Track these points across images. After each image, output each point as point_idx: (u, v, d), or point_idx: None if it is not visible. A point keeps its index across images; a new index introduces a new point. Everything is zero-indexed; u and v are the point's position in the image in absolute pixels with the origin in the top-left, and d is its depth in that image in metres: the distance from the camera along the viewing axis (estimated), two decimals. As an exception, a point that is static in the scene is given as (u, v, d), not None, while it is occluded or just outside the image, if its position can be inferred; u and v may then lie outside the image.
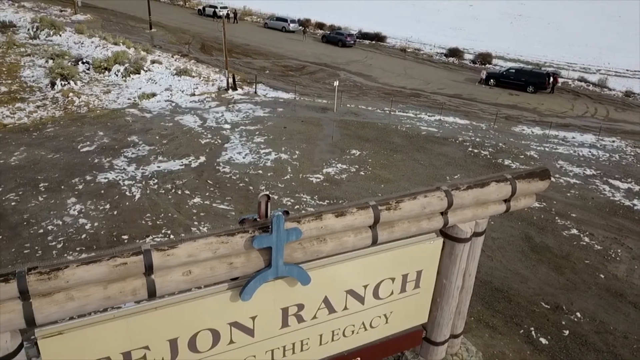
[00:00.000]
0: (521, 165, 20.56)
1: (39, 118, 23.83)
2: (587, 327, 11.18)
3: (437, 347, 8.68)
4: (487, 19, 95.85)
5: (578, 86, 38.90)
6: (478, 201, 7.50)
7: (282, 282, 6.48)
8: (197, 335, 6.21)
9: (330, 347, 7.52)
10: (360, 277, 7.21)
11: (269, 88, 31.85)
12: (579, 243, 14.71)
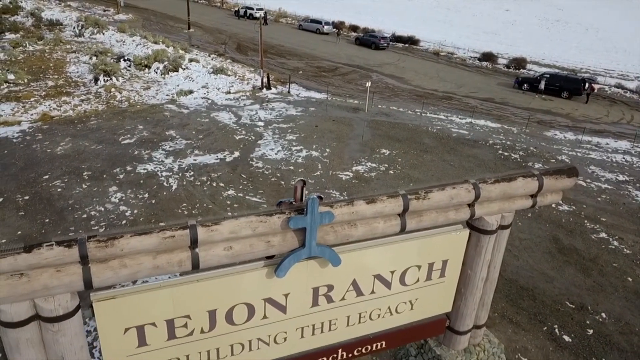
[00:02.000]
0: (552, 169, 20.46)
1: (83, 111, 24.90)
2: (611, 328, 11.23)
3: (460, 336, 8.93)
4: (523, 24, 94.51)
5: (615, 93, 38.18)
6: (505, 195, 7.75)
7: (314, 262, 6.86)
8: (234, 309, 6.65)
9: (357, 329, 7.86)
10: (388, 262, 7.54)
11: (302, 88, 32.37)
12: (608, 247, 14.67)
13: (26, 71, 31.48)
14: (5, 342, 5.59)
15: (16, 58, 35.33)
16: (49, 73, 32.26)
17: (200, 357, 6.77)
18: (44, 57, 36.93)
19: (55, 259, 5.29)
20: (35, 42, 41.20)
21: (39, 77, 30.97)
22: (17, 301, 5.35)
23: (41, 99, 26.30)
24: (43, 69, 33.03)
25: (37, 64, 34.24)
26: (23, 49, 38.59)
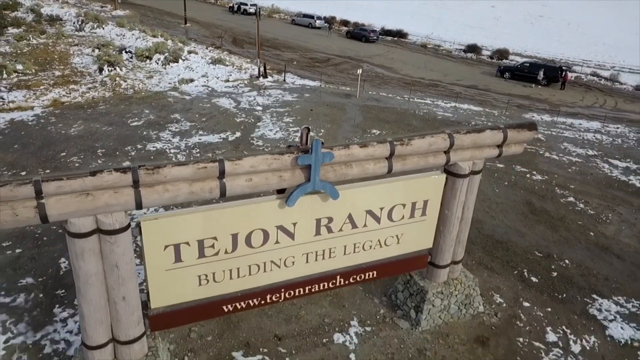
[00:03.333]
0: (529, 147, 21.90)
1: (91, 98, 25.98)
2: (573, 271, 12.66)
3: (440, 270, 10.29)
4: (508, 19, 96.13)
5: (590, 80, 39.80)
6: (475, 144, 9.10)
7: (317, 197, 8.17)
8: (252, 233, 7.95)
9: (352, 258, 9.19)
10: (377, 200, 8.86)
11: (296, 77, 33.60)
12: (575, 208, 16.12)
13: (33, 62, 32.38)
14: (72, 251, 6.85)
15: (21, 51, 36.16)
16: (54, 64, 33.21)
17: (224, 275, 8.06)
18: (48, 49, 37.78)
19: (114, 182, 6.55)
20: (38, 36, 41.98)
21: (45, 68, 31.92)
22: (83, 216, 6.60)
23: (50, 87, 27.34)
24: (49, 61, 33.96)
25: (43, 56, 35.14)
26: (27, 43, 39.38)
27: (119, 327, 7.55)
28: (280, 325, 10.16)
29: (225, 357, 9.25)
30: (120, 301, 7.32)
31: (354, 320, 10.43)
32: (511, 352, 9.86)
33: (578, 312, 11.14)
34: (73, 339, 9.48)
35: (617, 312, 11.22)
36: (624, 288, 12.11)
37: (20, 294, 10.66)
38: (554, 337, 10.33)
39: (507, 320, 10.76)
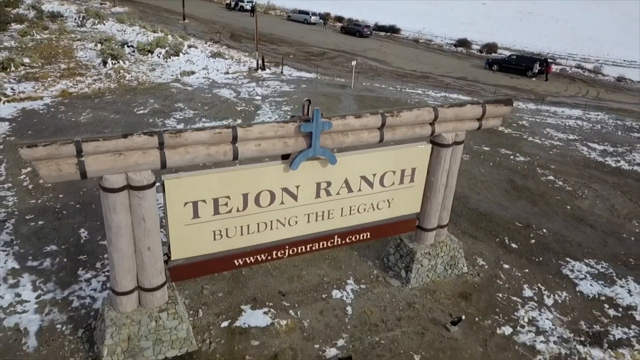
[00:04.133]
0: (513, 132, 22.92)
1: (98, 88, 26.77)
2: (549, 239, 13.68)
3: (427, 233, 11.27)
4: (498, 16, 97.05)
5: (575, 72, 40.88)
6: (457, 117, 10.06)
7: (317, 162, 9.11)
8: (260, 194, 8.88)
9: (348, 219, 10.13)
10: (370, 167, 9.81)
11: (293, 69, 34.47)
12: (554, 185, 17.14)
13: (38, 56, 33.08)
14: (105, 205, 7.77)
15: (26, 45, 36.80)
16: (59, 58, 33.91)
17: (235, 231, 8.99)
18: (52, 44, 38.43)
19: (142, 143, 7.47)
20: (41, 32, 42.60)
21: (51, 61, 32.63)
22: (116, 173, 7.52)
23: (57, 79, 28.10)
24: (53, 54, 34.65)
25: (47, 50, 35.80)
26: (31, 38, 39.99)
27: (144, 275, 8.48)
28: (284, 284, 11.11)
29: (235, 310, 10.19)
30: (145, 251, 8.25)
31: (350, 279, 11.39)
32: (491, 305, 10.86)
33: (552, 273, 12.15)
34: (97, 295, 10.40)
35: (587, 272, 12.24)
36: (595, 252, 13.14)
37: (46, 258, 11.56)
38: (530, 293, 11.34)
39: (488, 279, 11.75)
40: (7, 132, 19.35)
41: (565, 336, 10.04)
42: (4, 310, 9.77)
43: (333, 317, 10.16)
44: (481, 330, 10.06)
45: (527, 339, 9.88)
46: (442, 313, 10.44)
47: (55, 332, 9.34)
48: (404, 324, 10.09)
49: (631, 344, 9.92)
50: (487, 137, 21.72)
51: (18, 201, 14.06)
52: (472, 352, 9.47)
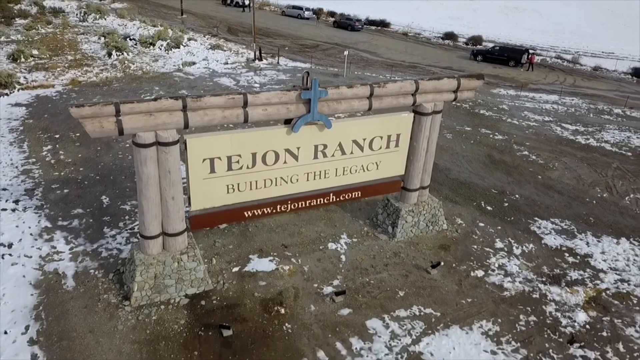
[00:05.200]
0: (494, 114, 24.29)
1: (105, 77, 27.86)
2: (521, 202, 15.07)
3: (411, 193, 12.59)
4: (485, 11, 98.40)
5: (554, 62, 42.33)
6: (436, 89, 11.36)
7: (315, 127, 10.38)
8: (266, 153, 10.14)
9: (343, 179, 11.41)
10: (361, 132, 11.09)
11: (289, 60, 35.63)
12: (528, 159, 18.52)
13: (45, 48, 34.04)
14: (137, 159, 9.02)
15: (33, 39, 37.68)
16: (65, 50, 34.87)
17: (245, 186, 10.25)
18: (57, 38, 39.32)
19: (169, 106, 8.71)
20: (45, 26, 43.44)
21: (58, 53, 33.60)
22: (146, 131, 8.77)
23: (66, 69, 29.14)
24: (59, 47, 35.59)
25: (53, 43, 36.72)
26: (37, 32, 40.86)
27: (168, 222, 9.75)
28: (286, 238, 12.41)
29: (244, 258, 11.49)
30: (170, 200, 9.52)
31: (343, 235, 12.70)
32: (467, 254, 12.22)
33: (522, 229, 13.53)
34: (122, 247, 11.65)
35: (552, 228, 13.64)
36: (560, 213, 14.54)
37: (74, 219, 12.79)
38: (501, 245, 12.72)
39: (465, 234, 13.11)
40: (25, 116, 20.47)
41: (529, 277, 11.42)
42: (43, 259, 11.02)
43: (329, 264, 11.48)
44: (457, 273, 11.42)
45: (496, 280, 11.25)
46: (424, 260, 11.78)
47: (89, 275, 10.60)
48: (391, 268, 11.43)
49: (585, 283, 11.32)
50: (469, 119, 23.09)
51: (43, 173, 15.25)
52: (449, 289, 10.83)
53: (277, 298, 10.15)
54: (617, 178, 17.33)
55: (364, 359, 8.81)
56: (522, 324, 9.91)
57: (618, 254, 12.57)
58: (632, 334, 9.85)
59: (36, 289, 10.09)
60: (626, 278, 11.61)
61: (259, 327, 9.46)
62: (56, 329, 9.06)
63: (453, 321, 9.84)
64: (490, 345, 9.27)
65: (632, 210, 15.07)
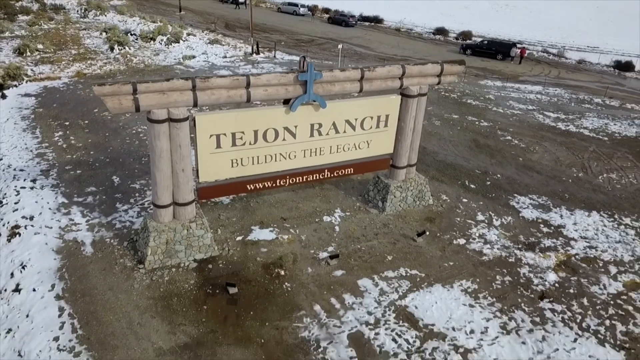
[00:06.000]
0: (480, 104, 25.21)
1: (109, 70, 28.60)
2: (502, 181, 16.01)
3: (399, 170, 13.50)
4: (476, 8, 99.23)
5: (541, 56, 43.29)
6: (421, 73, 12.26)
7: (311, 107, 11.25)
8: (267, 131, 11.01)
9: (336, 156, 12.29)
10: (353, 112, 11.97)
11: (285, 54, 36.41)
12: (510, 143, 19.48)
13: (49, 43, 34.67)
14: (151, 133, 9.88)
15: (36, 34, 38.30)
16: (69, 45, 35.52)
17: (248, 161, 11.11)
18: (60, 33, 39.91)
19: (180, 86, 9.58)
20: (47, 22, 44.01)
21: (61, 48, 34.26)
22: (160, 108, 9.63)
23: (71, 62, 29.85)
24: (63, 42, 36.22)
25: (57, 38, 37.34)
26: (40, 27, 41.44)
27: (179, 192, 10.62)
28: (285, 212, 13.29)
29: (247, 229, 12.37)
30: (180, 172, 10.39)
31: (337, 209, 13.60)
32: (450, 225, 13.15)
33: (502, 204, 14.48)
34: (135, 220, 12.50)
35: (529, 203, 14.60)
36: (537, 190, 15.50)
37: (88, 196, 13.63)
38: (482, 217, 13.66)
39: (449, 209, 14.04)
40: (35, 105, 21.24)
41: (506, 245, 12.37)
42: (62, 229, 11.87)
43: (324, 233, 12.39)
44: (441, 241, 12.36)
45: (476, 247, 12.20)
46: (411, 230, 12.71)
47: (105, 243, 11.47)
48: (380, 237, 12.36)
49: (557, 249, 12.29)
50: (457, 108, 24.01)
51: (56, 156, 16.06)
52: (433, 254, 11.77)
53: (277, 262, 11.04)
54: (592, 160, 18.31)
55: (355, 311, 9.73)
56: (498, 283, 10.86)
57: (589, 224, 13.55)
58: (596, 291, 10.82)
59: (58, 254, 10.95)
60: (594, 245, 12.58)
61: (262, 286, 10.36)
62: (79, 287, 9.94)
63: (436, 280, 10.78)
64: (468, 300, 10.22)
65: (605, 187, 16.05)
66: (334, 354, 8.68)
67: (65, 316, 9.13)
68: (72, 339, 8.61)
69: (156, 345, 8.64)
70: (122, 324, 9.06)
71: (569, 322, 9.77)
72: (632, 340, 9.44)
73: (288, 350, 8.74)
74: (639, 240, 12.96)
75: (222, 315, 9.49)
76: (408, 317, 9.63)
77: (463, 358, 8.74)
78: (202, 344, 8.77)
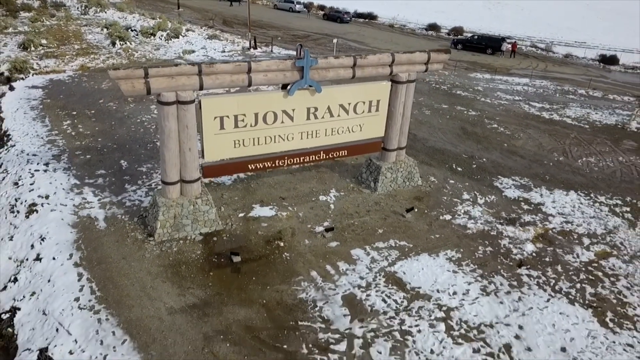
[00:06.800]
0: (469, 94, 26.02)
1: (112, 64, 29.21)
2: (487, 164, 16.82)
3: (390, 153, 14.27)
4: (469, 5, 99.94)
5: (529, 50, 44.18)
6: (410, 61, 13.01)
7: (307, 91, 11.99)
8: (267, 114, 11.75)
9: (331, 139, 13.04)
10: (346, 97, 12.72)
11: (282, 48, 37.08)
12: (497, 131, 20.29)
13: (52, 38, 35.23)
14: (160, 115, 10.61)
15: (39, 30, 38.79)
16: (71, 40, 36.07)
17: (249, 142, 11.83)
18: (62, 29, 40.41)
19: (188, 70, 10.30)
20: (49, 19, 44.48)
21: (64, 43, 34.81)
22: (169, 91, 10.36)
23: (74, 57, 30.43)
24: (65, 37, 36.75)
25: (59, 34, 37.86)
26: (42, 24, 41.92)
27: (186, 170, 11.36)
28: (283, 192, 14.05)
29: (248, 207, 13.12)
30: (187, 151, 11.13)
31: (332, 190, 14.37)
32: (437, 203, 13.95)
33: (486, 185, 15.28)
34: (143, 199, 13.23)
35: (512, 184, 15.41)
36: (520, 173, 16.31)
37: (98, 178, 14.35)
38: (467, 196, 14.46)
39: (437, 189, 14.84)
40: (43, 96, 21.88)
41: (489, 220, 13.18)
42: (76, 207, 12.60)
43: (320, 211, 13.17)
44: (428, 217, 13.16)
45: (461, 222, 13.00)
46: (401, 208, 13.49)
47: (117, 219, 12.21)
48: (372, 213, 13.14)
49: (535, 224, 13.11)
50: (447, 98, 24.80)
51: (66, 142, 16.76)
52: (421, 228, 12.57)
53: (277, 235, 11.82)
54: (573, 145, 19.15)
55: (349, 276, 10.52)
56: (480, 252, 11.67)
57: (566, 202, 14.38)
58: (570, 259, 11.65)
59: (74, 228, 11.68)
60: (570, 220, 13.42)
61: (263, 255, 11.14)
62: (95, 256, 10.69)
63: (423, 250, 11.58)
64: (452, 266, 11.02)
65: (583, 170, 16.89)
66: (330, 312, 9.47)
67: (84, 280, 9.88)
68: (92, 299, 9.37)
69: (167, 305, 9.40)
70: (135, 287, 9.82)
71: (543, 286, 10.59)
72: (600, 300, 10.27)
73: (288, 310, 9.52)
74: (611, 215, 13.82)
75: (227, 280, 10.25)
76: (397, 281, 10.43)
77: (446, 315, 9.54)
78: (209, 304, 9.53)
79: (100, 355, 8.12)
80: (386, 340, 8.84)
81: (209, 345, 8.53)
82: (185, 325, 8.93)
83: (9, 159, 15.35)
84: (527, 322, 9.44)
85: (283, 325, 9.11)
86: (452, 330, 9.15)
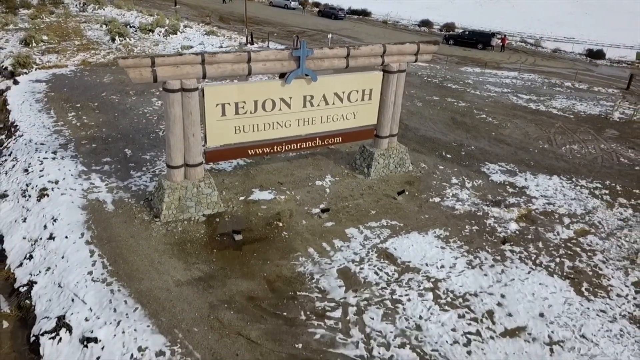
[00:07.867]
0: (459, 87, 26.63)
1: (112, 59, 29.58)
2: (475, 151, 17.44)
3: (382, 140, 14.85)
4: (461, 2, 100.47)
5: (518, 45, 44.84)
6: (400, 52, 13.59)
7: (304, 80, 12.54)
8: (265, 101, 12.30)
9: (326, 126, 13.61)
10: (340, 86, 13.28)
11: (278, 44, 37.51)
12: (485, 121, 20.92)
13: (53, 35, 35.53)
14: (166, 102, 11.14)
15: (39, 27, 39.06)
16: (71, 36, 36.38)
17: (249, 128, 12.37)
18: (62, 26, 40.68)
19: (191, 60, 10.83)
20: (48, 16, 44.72)
21: (65, 39, 35.13)
22: (174, 79, 10.89)
23: (75, 52, 30.80)
24: (65, 34, 37.06)
25: (59, 30, 38.15)
26: (42, 21, 42.17)
27: (189, 154, 11.90)
28: (281, 178, 14.61)
29: (248, 191, 13.68)
30: (191, 136, 11.67)
31: (328, 175, 14.94)
32: (427, 187, 14.56)
33: (474, 170, 15.90)
34: (148, 184, 13.77)
35: (498, 169, 16.04)
36: (506, 159, 16.94)
37: (104, 165, 14.86)
38: (456, 181, 15.07)
39: (427, 174, 15.44)
40: (47, 89, 22.31)
41: (476, 202, 13.81)
42: (85, 191, 13.12)
43: (316, 194, 13.75)
44: (418, 200, 13.77)
45: (449, 203, 13.62)
46: (392, 191, 14.08)
47: (124, 202, 12.74)
48: (365, 196, 13.74)
49: (519, 205, 13.74)
50: (438, 91, 25.41)
51: (72, 132, 17.24)
52: (411, 209, 13.18)
53: (276, 216, 12.39)
54: (558, 134, 19.81)
55: (343, 252, 11.12)
56: (466, 231, 12.29)
57: (549, 186, 15.03)
58: (551, 236, 12.29)
59: (84, 210, 12.22)
60: (552, 202, 14.06)
61: (263, 234, 11.71)
62: (104, 235, 11.24)
63: (413, 229, 12.19)
64: (440, 243, 11.64)
65: (566, 157, 17.55)
66: (326, 283, 10.06)
67: (95, 256, 10.42)
68: (104, 273, 9.92)
69: (175, 278, 9.97)
70: (144, 262, 10.38)
71: (525, 260, 11.23)
72: (577, 272, 10.92)
73: (287, 282, 10.10)
74: (591, 197, 14.48)
75: (230, 256, 10.83)
76: (388, 256, 11.04)
77: (434, 286, 10.16)
78: (213, 277, 10.11)
79: (115, 321, 8.68)
80: (378, 307, 9.44)
81: (214, 312, 9.10)
82: (192, 296, 9.50)
83: (18, 148, 15.83)
84: (508, 292, 10.07)
85: (282, 295, 9.69)
86: (440, 299, 9.77)
